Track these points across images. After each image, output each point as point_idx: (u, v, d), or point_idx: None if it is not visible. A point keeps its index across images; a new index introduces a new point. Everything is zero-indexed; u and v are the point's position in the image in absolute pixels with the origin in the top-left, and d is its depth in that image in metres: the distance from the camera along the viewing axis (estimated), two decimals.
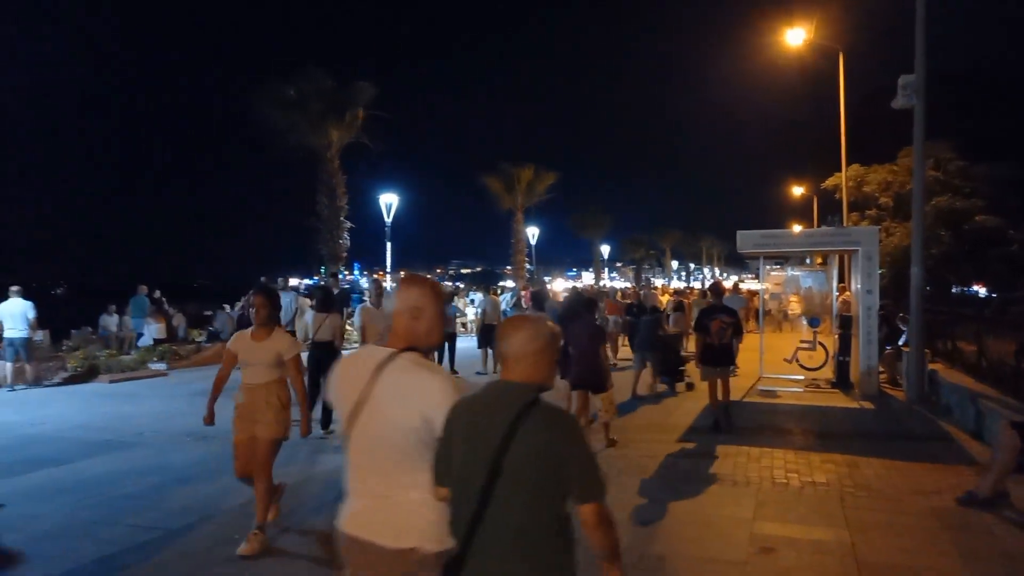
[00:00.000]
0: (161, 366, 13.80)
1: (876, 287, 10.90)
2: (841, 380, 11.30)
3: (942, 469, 6.44)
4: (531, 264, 41.04)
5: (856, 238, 11.64)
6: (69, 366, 12.82)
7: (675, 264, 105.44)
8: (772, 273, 15.49)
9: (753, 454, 6.99)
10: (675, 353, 11.45)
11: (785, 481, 6.11)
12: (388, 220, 29.85)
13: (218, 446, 6.81)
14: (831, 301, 13.11)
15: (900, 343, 11.84)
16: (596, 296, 15.06)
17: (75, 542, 4.74)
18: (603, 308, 15.05)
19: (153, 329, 16.96)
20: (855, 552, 4.49)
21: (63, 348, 14.49)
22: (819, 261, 16.20)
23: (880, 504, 5.45)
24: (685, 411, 9.39)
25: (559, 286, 36.97)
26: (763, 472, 6.38)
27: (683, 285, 75.74)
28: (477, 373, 13.05)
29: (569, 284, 44.37)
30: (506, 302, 23.19)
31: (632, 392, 10.37)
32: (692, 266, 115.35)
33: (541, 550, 1.93)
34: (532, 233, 42.04)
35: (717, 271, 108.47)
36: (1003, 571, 4.31)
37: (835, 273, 13.99)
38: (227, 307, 19.65)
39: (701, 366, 8.31)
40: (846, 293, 14.31)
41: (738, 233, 11.63)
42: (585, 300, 8.62)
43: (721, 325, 8.13)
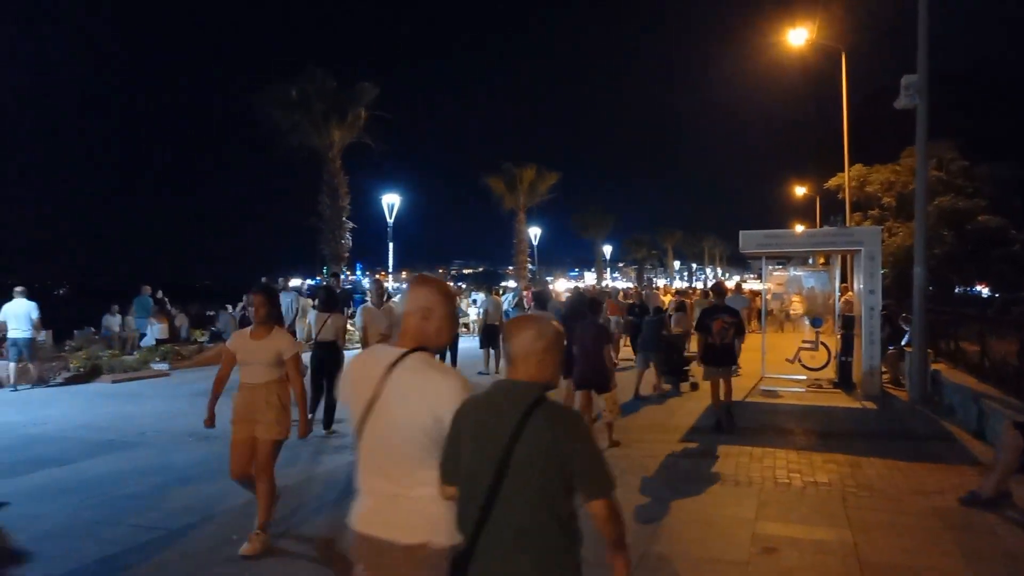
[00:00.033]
0: (163, 366, 13.82)
1: (879, 287, 10.88)
2: (843, 380, 11.28)
3: (945, 469, 6.43)
4: (533, 264, 41.07)
5: (859, 238, 11.62)
6: (72, 366, 12.84)
7: (677, 264, 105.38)
8: (774, 273, 15.48)
9: (755, 454, 6.99)
10: (679, 353, 11.46)
11: (787, 481, 6.10)
12: (390, 220, 29.91)
13: (220, 446, 6.77)
14: (833, 301, 13.10)
15: (903, 343, 11.83)
16: (600, 296, 15.04)
17: (77, 542, 4.75)
18: (605, 309, 15.02)
19: (156, 329, 17.01)
20: (857, 552, 4.48)
21: (66, 348, 14.51)
22: (821, 261, 16.17)
23: (882, 504, 5.44)
24: (687, 411, 9.39)
25: (561, 286, 36.97)
26: (765, 472, 6.37)
27: (685, 285, 75.72)
28: (479, 373, 13.04)
29: (571, 284, 44.38)
30: (508, 302, 23.19)
31: (635, 392, 10.38)
32: (694, 266, 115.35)
33: (547, 546, 1.95)
34: (534, 233, 42.11)
35: (719, 271, 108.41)
36: (1006, 571, 4.30)
37: (837, 273, 13.97)
38: (229, 307, 19.67)
39: (703, 366, 8.37)
40: (848, 293, 14.28)
41: (740, 233, 11.63)
42: (589, 300, 8.62)
43: (723, 325, 8.13)
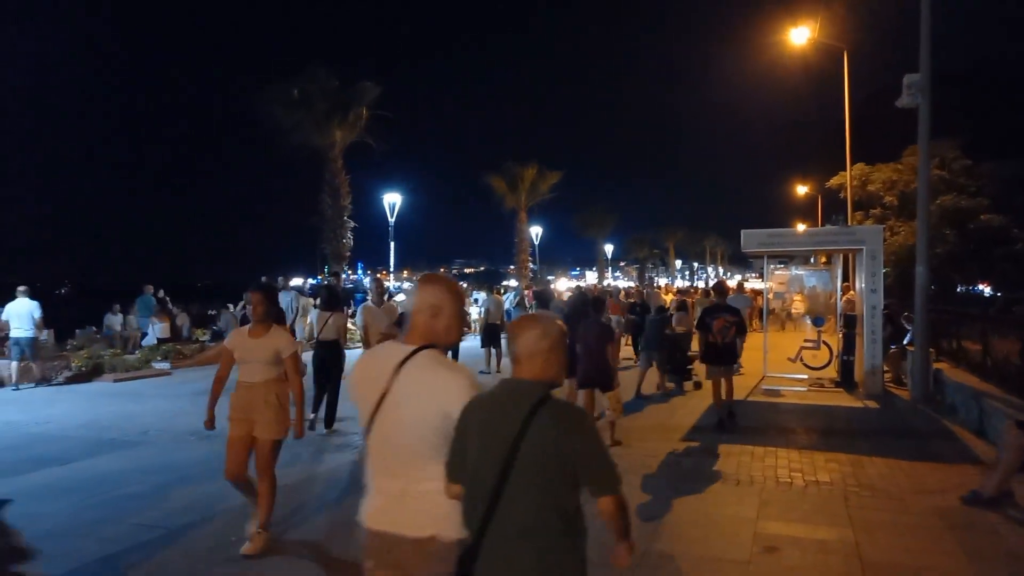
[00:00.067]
0: (165, 365, 13.84)
1: (880, 286, 10.87)
2: (845, 379, 11.28)
3: (946, 468, 6.42)
4: (534, 263, 41.01)
5: (860, 237, 11.60)
6: (73, 365, 12.85)
7: (679, 263, 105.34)
8: (776, 272, 15.46)
9: (757, 453, 6.98)
10: (683, 352, 11.45)
11: (789, 480, 6.10)
12: (391, 219, 29.92)
13: (221, 445, 6.68)
14: (835, 300, 13.08)
15: (905, 342, 11.81)
16: (603, 295, 15.04)
17: (79, 541, 4.75)
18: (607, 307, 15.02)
19: (157, 328, 17.03)
20: (859, 551, 4.48)
21: (67, 347, 14.51)
22: (823, 260, 16.16)
23: (884, 503, 5.44)
24: (689, 410, 9.38)
25: (562, 285, 36.94)
26: (767, 471, 6.37)
27: (687, 284, 75.69)
28: (481, 372, 13.04)
29: (572, 284, 44.35)
30: (509, 301, 23.20)
31: (636, 391, 10.37)
32: (696, 265, 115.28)
33: (552, 542, 1.98)
34: (535, 232, 42.09)
35: (721, 270, 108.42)
36: (1008, 570, 4.29)
37: (839, 272, 13.96)
38: (231, 306, 19.69)
39: (705, 365, 8.38)
40: (850, 292, 14.25)
41: (742, 232, 11.62)
42: (593, 299, 8.62)
43: (724, 324, 8.14)
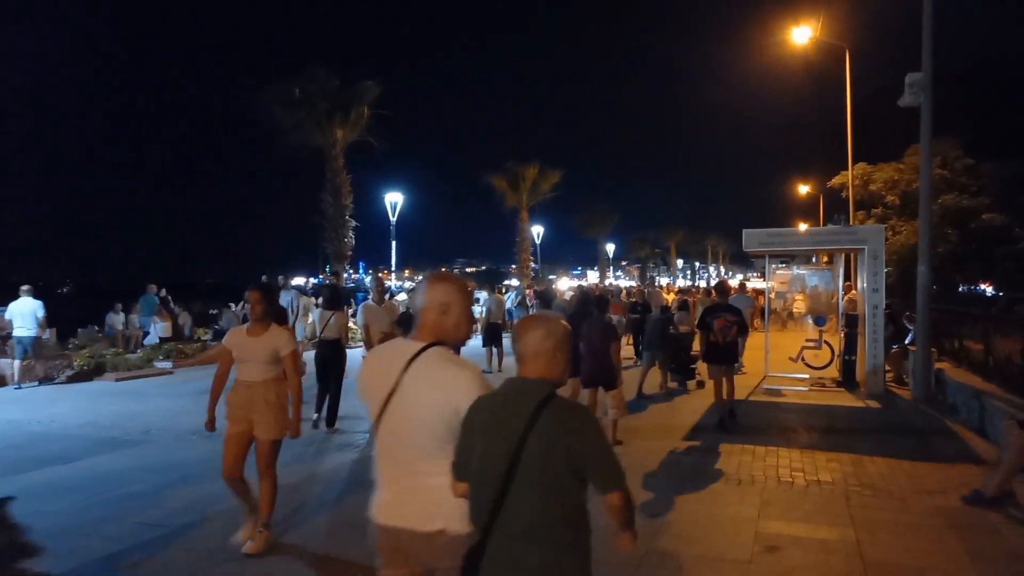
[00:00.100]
0: (167, 364, 13.85)
1: (882, 286, 10.87)
2: (847, 379, 11.27)
3: (948, 468, 6.41)
4: (536, 263, 40.99)
5: (862, 236, 11.60)
6: (75, 364, 12.87)
7: (680, 263, 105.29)
8: (778, 272, 15.45)
9: (758, 453, 6.98)
10: (686, 351, 11.44)
11: (790, 480, 6.10)
12: (393, 219, 29.94)
13: (223, 445, 6.83)
14: (837, 300, 13.08)
15: (906, 342, 11.81)
16: (607, 293, 15.03)
17: (81, 539, 4.76)
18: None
19: (159, 327, 17.04)
20: (860, 551, 4.48)
21: (70, 346, 14.54)
22: (825, 260, 16.15)
23: (886, 503, 5.44)
24: (690, 409, 9.38)
25: (563, 285, 36.94)
26: (768, 471, 6.37)
27: (688, 284, 75.65)
28: (483, 371, 13.03)
29: (574, 283, 44.35)
30: (511, 300, 23.22)
31: (638, 391, 10.35)
32: (697, 265, 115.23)
33: (557, 539, 2.00)
34: (537, 231, 42.12)
35: (722, 270, 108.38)
36: (1009, 570, 4.29)
37: (841, 272, 13.95)
38: (232, 305, 19.70)
39: (707, 364, 8.39)
40: (852, 292, 14.25)
41: (744, 232, 11.62)
42: (596, 297, 8.62)
43: (725, 323, 8.15)
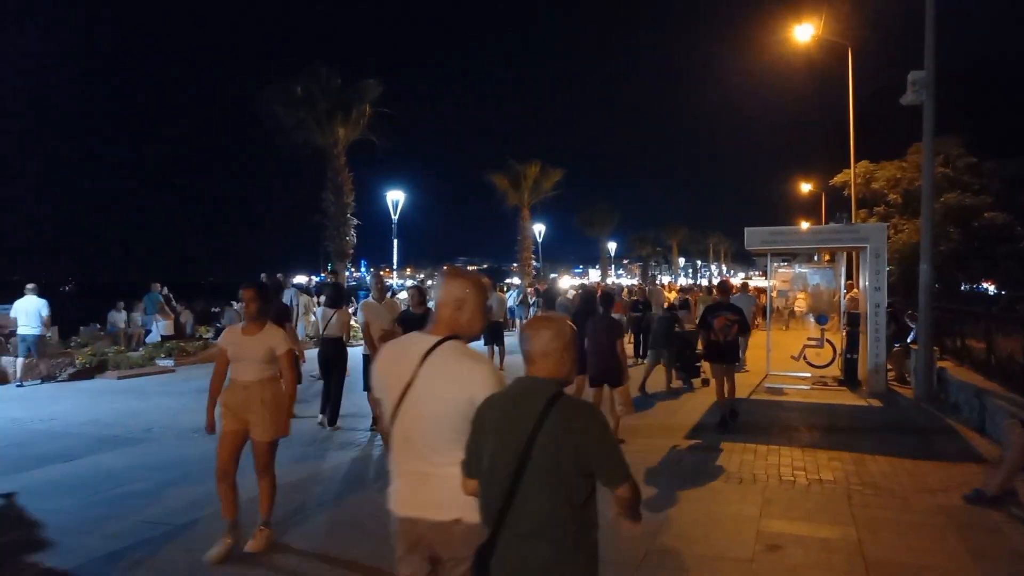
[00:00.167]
0: (169, 363, 13.86)
1: (884, 284, 10.87)
2: (849, 378, 11.26)
3: (950, 467, 6.41)
4: (537, 261, 40.97)
5: (864, 235, 11.59)
6: (77, 362, 12.89)
7: (682, 261, 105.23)
8: (780, 270, 15.45)
9: (760, 451, 6.98)
10: (692, 349, 11.44)
11: (792, 479, 6.10)
12: (394, 217, 29.95)
13: None
14: (839, 298, 13.07)
15: (908, 340, 11.79)
16: (615, 290, 15.01)
17: (83, 537, 4.77)
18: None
19: (161, 326, 17.06)
20: (862, 550, 4.48)
21: (72, 344, 14.56)
22: (827, 258, 16.14)
23: (887, 502, 5.44)
24: (692, 408, 9.38)
25: (565, 283, 36.90)
26: (770, 469, 6.37)
27: (690, 282, 75.63)
28: None
29: (574, 281, 44.31)
30: (512, 299, 23.23)
31: (640, 389, 10.34)
32: (699, 263, 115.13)
33: (566, 534, 2.04)
34: (538, 230, 42.06)
35: (724, 268, 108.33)
36: (1011, 569, 4.29)
37: (843, 270, 13.95)
38: (234, 304, 19.69)
39: (709, 363, 8.40)
40: (854, 290, 14.25)
41: (746, 230, 11.62)
42: (602, 295, 8.62)
43: (725, 322, 8.15)
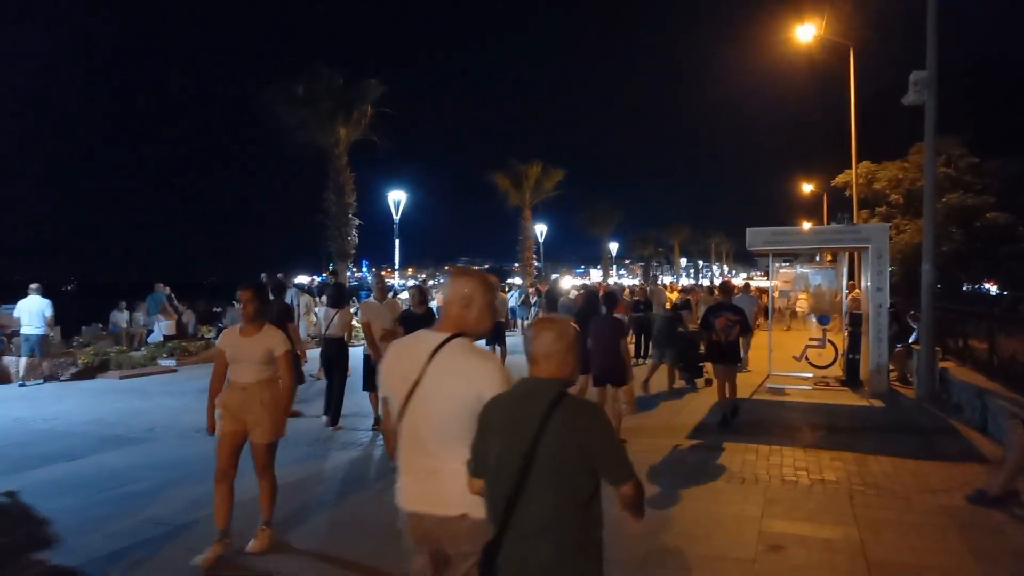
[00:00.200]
0: (171, 362, 13.87)
1: (886, 284, 10.85)
2: (851, 378, 11.25)
3: (952, 467, 6.40)
4: (539, 261, 40.97)
5: (866, 235, 11.58)
6: (80, 362, 12.90)
7: (684, 261, 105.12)
8: (781, 271, 15.44)
9: (762, 452, 6.98)
10: (696, 349, 11.43)
11: (794, 479, 6.09)
12: (396, 217, 29.95)
13: None
14: (841, 299, 13.07)
15: (910, 341, 11.78)
16: (616, 291, 14.98)
17: (85, 536, 4.78)
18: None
19: (163, 325, 17.07)
20: (864, 550, 4.47)
21: (74, 344, 14.57)
22: (829, 259, 16.14)
23: (890, 502, 5.43)
24: (694, 408, 9.38)
25: (566, 284, 36.89)
26: (772, 470, 6.36)
27: (692, 283, 75.59)
28: None
29: (577, 282, 44.30)
30: (514, 299, 23.23)
31: (643, 388, 10.34)
32: (701, 263, 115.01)
33: (571, 531, 2.06)
34: (540, 230, 42.03)
35: (726, 268, 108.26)
36: (1013, 569, 4.28)
37: (845, 271, 13.94)
38: (236, 304, 19.67)
39: (711, 363, 8.40)
40: (856, 291, 14.25)
41: (747, 230, 11.60)
42: (605, 294, 8.62)
43: (727, 322, 8.16)
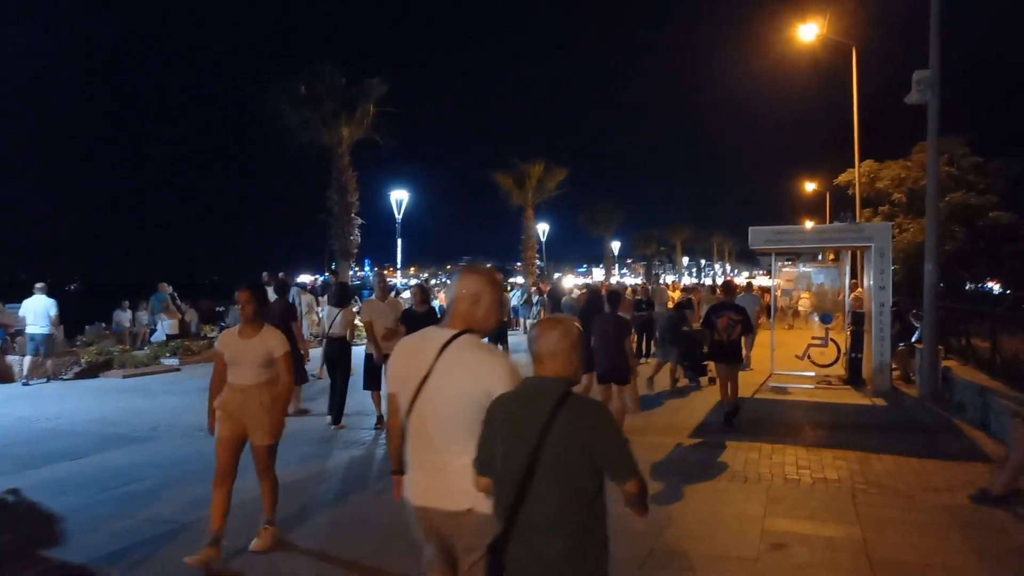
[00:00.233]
0: (174, 361, 13.90)
1: (889, 283, 10.84)
2: (853, 377, 11.24)
3: (955, 466, 6.39)
4: (541, 261, 40.95)
5: (869, 234, 11.56)
6: (83, 361, 12.93)
7: (686, 260, 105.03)
8: (784, 269, 15.41)
9: (765, 450, 6.98)
10: (700, 348, 11.41)
11: (797, 478, 6.09)
12: (398, 216, 29.97)
13: None
14: (843, 297, 13.04)
15: (913, 340, 11.76)
16: (620, 289, 14.97)
17: (88, 535, 4.79)
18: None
19: (166, 325, 17.10)
20: (867, 549, 4.47)
21: (77, 343, 14.60)
22: (831, 257, 16.12)
23: (892, 501, 5.43)
24: (697, 407, 9.38)
25: (569, 283, 36.88)
26: (774, 468, 6.36)
27: (694, 282, 75.56)
28: None
29: (579, 281, 44.28)
30: (516, 298, 23.22)
31: (647, 387, 10.33)
32: (703, 262, 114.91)
33: (576, 528, 2.08)
34: (542, 229, 42.02)
35: (728, 267, 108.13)
36: (1016, 569, 4.28)
37: (847, 269, 13.91)
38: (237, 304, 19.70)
39: (713, 362, 8.40)
40: (858, 289, 14.22)
41: (750, 229, 11.59)
42: (609, 292, 8.62)
43: (728, 321, 8.15)
